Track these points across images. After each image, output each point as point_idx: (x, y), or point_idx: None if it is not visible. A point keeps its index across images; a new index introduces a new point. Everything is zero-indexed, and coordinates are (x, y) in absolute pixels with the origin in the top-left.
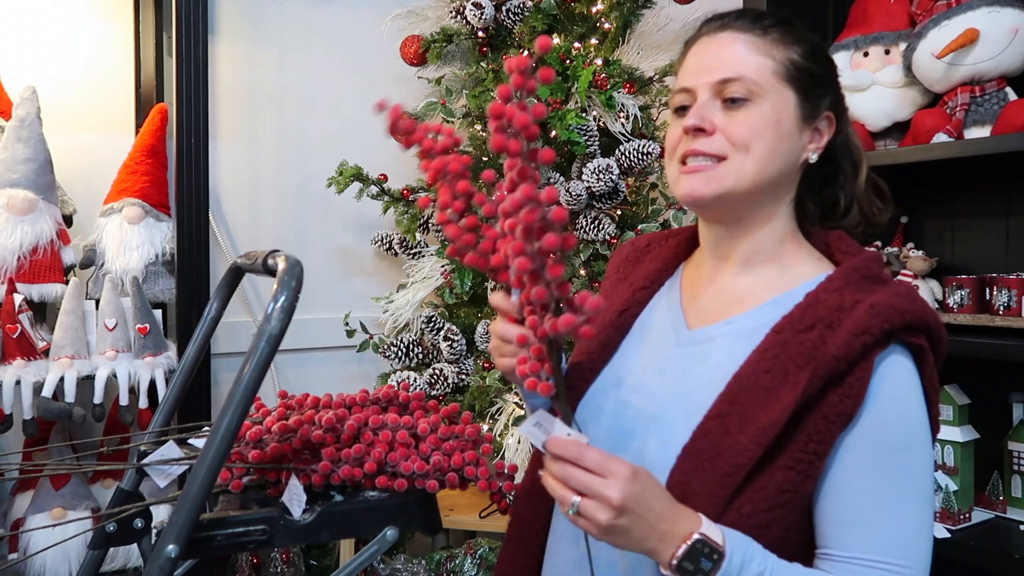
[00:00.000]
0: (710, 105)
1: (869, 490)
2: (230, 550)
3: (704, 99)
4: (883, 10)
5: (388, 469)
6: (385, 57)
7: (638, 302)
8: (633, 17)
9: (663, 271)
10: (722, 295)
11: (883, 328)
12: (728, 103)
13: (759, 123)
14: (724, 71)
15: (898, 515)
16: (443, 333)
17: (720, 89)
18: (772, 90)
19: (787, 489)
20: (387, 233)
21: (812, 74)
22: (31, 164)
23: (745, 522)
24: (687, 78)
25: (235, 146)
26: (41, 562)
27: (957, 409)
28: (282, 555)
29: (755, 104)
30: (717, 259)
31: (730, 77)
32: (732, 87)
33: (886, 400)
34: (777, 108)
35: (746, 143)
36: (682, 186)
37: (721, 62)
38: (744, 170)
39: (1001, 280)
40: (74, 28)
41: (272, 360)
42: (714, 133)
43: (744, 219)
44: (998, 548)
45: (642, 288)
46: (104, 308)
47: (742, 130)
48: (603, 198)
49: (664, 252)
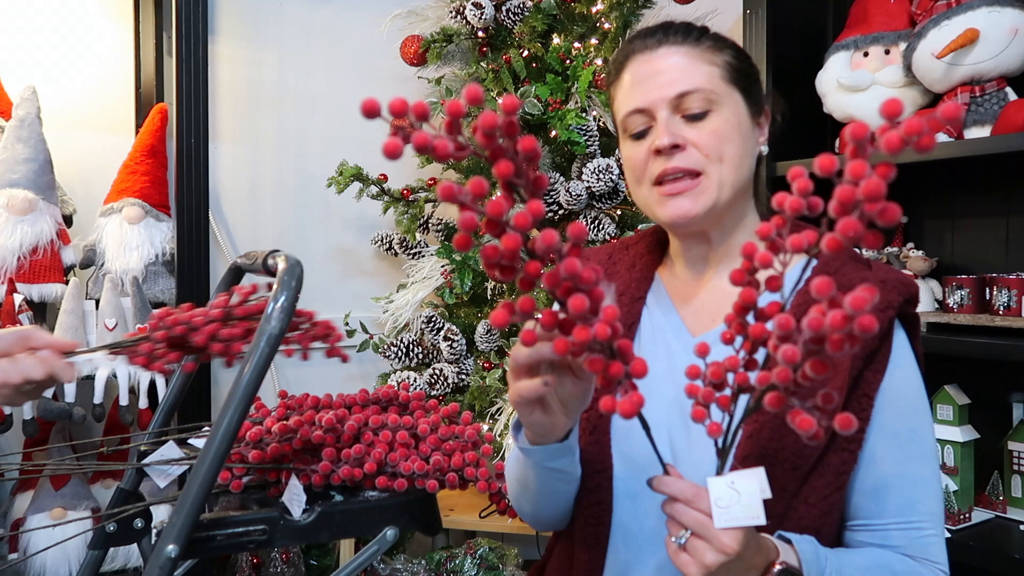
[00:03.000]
0: (673, 120)
1: (894, 458)
2: (230, 550)
3: (664, 116)
4: (883, 10)
5: (388, 469)
6: (385, 57)
7: (638, 314)
8: (633, 17)
9: (642, 280)
10: (713, 297)
11: (899, 301)
12: (690, 117)
13: (726, 130)
14: (678, 85)
15: (918, 477)
16: (443, 333)
17: (678, 104)
18: (725, 95)
19: (843, 471)
20: (387, 233)
21: (747, 73)
22: (31, 164)
23: (811, 511)
24: (637, 98)
25: (235, 146)
26: (41, 562)
27: (957, 409)
28: (282, 555)
29: (716, 113)
30: (697, 263)
31: (687, 90)
32: (691, 100)
33: (898, 370)
34: (734, 112)
35: (719, 152)
36: (668, 209)
37: (672, 78)
38: (724, 179)
39: (1001, 280)
40: (74, 28)
41: (272, 360)
42: (687, 148)
43: (721, 223)
44: (998, 548)
45: (637, 299)
46: (104, 308)
47: (713, 140)
48: (603, 198)
49: (636, 261)
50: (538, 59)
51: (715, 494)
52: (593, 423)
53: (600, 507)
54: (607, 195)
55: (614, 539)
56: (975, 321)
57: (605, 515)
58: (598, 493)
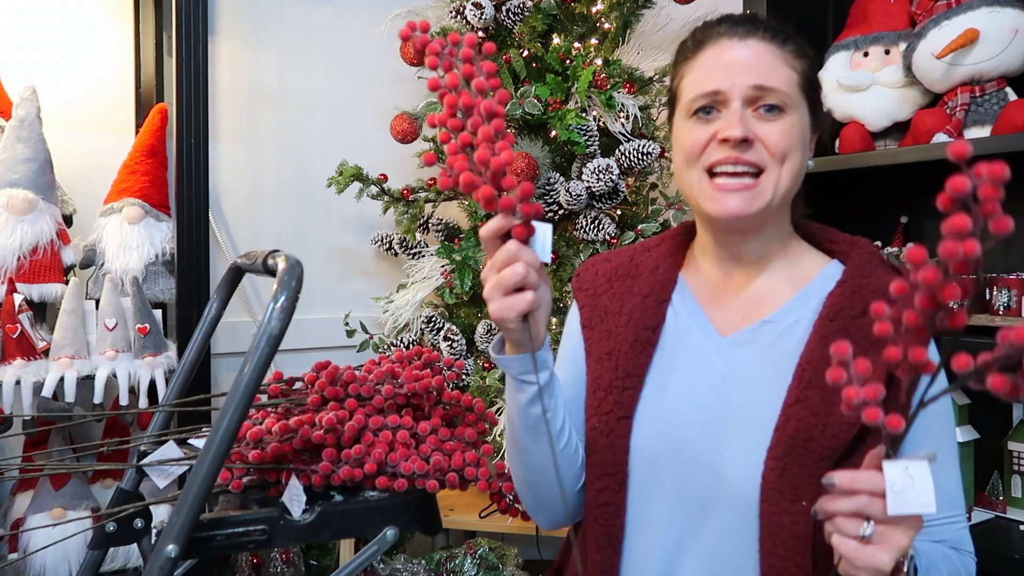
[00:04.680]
0: (746, 113)
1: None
2: (230, 550)
3: (737, 106)
4: (883, 10)
5: (388, 469)
6: (385, 57)
7: (664, 316)
8: (633, 17)
9: (666, 283)
10: (743, 297)
11: None
12: (763, 111)
13: (793, 134)
14: (760, 78)
15: (948, 473)
16: (443, 333)
17: (754, 96)
18: (797, 103)
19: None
20: (387, 233)
21: (816, 86)
22: (31, 164)
23: None
24: (714, 79)
25: (235, 146)
26: (41, 562)
27: (957, 409)
28: (282, 555)
29: (788, 116)
30: (727, 262)
31: (768, 85)
32: (769, 96)
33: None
34: (801, 120)
35: (785, 155)
36: (719, 204)
37: (756, 70)
38: (781, 183)
39: (1001, 280)
40: (74, 28)
41: (272, 360)
42: (755, 144)
43: (763, 225)
44: (998, 548)
45: (663, 301)
46: (104, 308)
47: (782, 141)
48: (603, 198)
49: (660, 263)
50: (538, 59)
51: (890, 479)
52: (611, 426)
53: (610, 508)
54: (607, 195)
55: (629, 540)
56: (975, 321)
57: (614, 516)
58: (607, 494)
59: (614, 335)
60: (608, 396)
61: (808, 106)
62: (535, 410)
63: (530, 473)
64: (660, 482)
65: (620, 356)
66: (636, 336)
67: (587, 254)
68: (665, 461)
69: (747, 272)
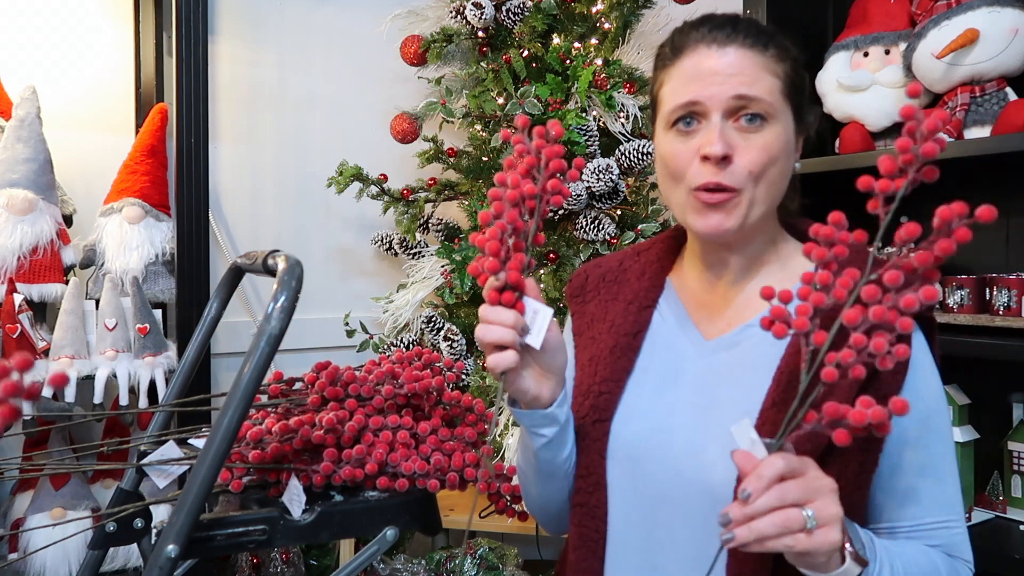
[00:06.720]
0: (726, 126)
1: (920, 461)
2: (230, 550)
3: (717, 119)
4: (883, 10)
5: (389, 469)
6: (385, 57)
7: (647, 322)
8: (633, 17)
9: (651, 288)
10: (729, 302)
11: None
12: (744, 122)
13: (775, 147)
14: (740, 87)
15: (942, 477)
16: (443, 333)
17: (736, 107)
18: (781, 110)
19: (864, 470)
20: (387, 233)
21: (801, 88)
22: (31, 164)
23: None
24: (693, 89)
25: (235, 146)
26: (41, 562)
27: (957, 409)
28: (282, 555)
29: (770, 126)
30: (715, 267)
31: (749, 95)
32: (751, 105)
33: (919, 372)
34: (784, 129)
35: (763, 171)
36: (703, 220)
37: (735, 80)
38: (757, 199)
39: (1001, 280)
40: (74, 28)
41: (272, 360)
42: (733, 161)
43: (750, 235)
44: (998, 548)
45: (646, 307)
46: (104, 308)
47: (761, 157)
48: (603, 198)
49: (646, 268)
50: (538, 59)
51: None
52: (587, 430)
53: (584, 509)
54: (607, 195)
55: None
56: (975, 321)
57: (588, 517)
58: (581, 495)
59: (597, 341)
60: (586, 401)
61: (793, 111)
62: (545, 454)
63: (541, 497)
64: (638, 484)
65: (600, 362)
66: (616, 342)
67: (587, 254)
68: (644, 463)
69: (736, 278)
